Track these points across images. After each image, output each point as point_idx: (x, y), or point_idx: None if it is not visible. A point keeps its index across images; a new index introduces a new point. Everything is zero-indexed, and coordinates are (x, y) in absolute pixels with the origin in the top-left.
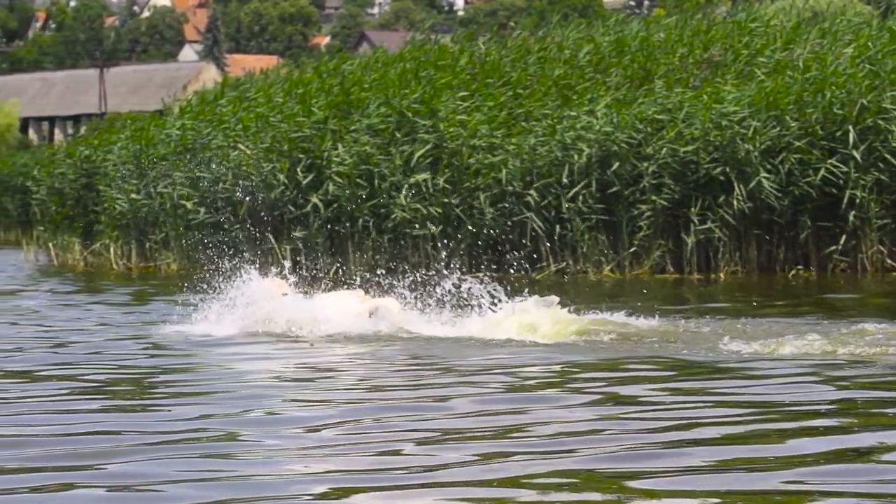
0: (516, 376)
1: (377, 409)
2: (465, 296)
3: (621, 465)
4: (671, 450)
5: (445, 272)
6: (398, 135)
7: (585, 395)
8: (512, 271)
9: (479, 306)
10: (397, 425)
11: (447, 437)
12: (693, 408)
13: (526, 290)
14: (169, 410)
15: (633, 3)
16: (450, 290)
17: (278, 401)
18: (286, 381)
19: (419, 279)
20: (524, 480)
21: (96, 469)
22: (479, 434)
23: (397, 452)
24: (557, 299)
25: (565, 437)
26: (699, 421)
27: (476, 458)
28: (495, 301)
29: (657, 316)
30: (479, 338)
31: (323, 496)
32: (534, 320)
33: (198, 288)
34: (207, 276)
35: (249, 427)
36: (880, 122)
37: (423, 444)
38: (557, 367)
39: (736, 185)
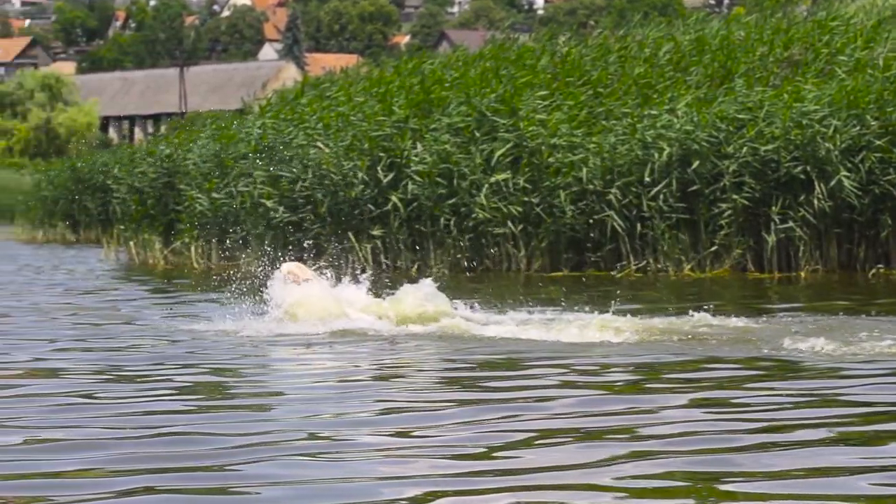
0: (604, 377)
1: (463, 409)
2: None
3: (714, 468)
4: (763, 452)
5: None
6: (478, 134)
7: (674, 395)
8: (592, 270)
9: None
10: (487, 426)
11: (541, 437)
12: (785, 409)
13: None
14: (253, 411)
15: (712, 2)
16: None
17: (362, 400)
18: (368, 379)
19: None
20: (616, 482)
21: (185, 472)
22: (572, 435)
23: (490, 454)
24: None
25: (656, 440)
26: (794, 422)
27: (570, 459)
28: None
29: (740, 315)
30: (555, 340)
31: (415, 500)
32: (613, 321)
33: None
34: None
35: (336, 428)
36: None
37: (516, 445)
38: (643, 368)
39: (816, 183)
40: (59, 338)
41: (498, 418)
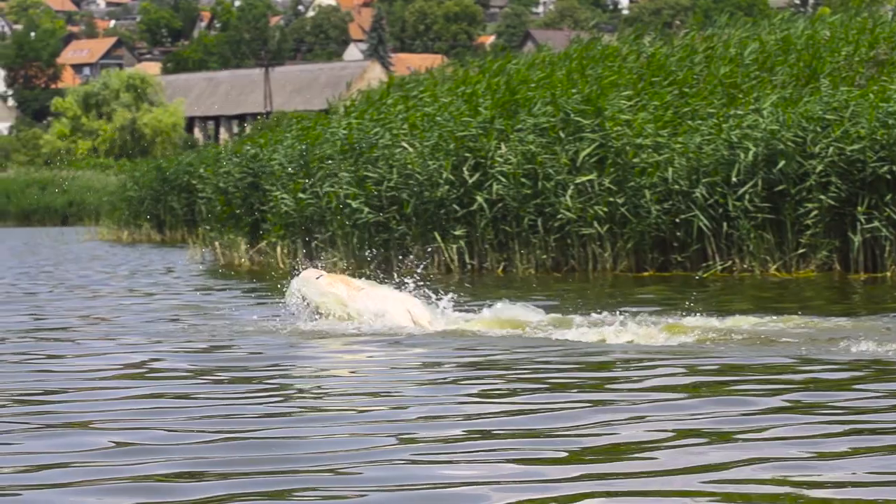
0: (689, 378)
1: (546, 412)
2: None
3: (805, 473)
4: (864, 457)
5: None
6: (563, 134)
7: (767, 397)
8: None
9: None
10: (572, 429)
11: (627, 443)
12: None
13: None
14: (333, 412)
15: (797, 2)
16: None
17: (444, 401)
18: (450, 378)
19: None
20: (705, 489)
21: (276, 475)
22: (657, 442)
23: (581, 457)
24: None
25: (751, 442)
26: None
27: (658, 465)
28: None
29: (828, 316)
30: (616, 342)
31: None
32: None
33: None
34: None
35: (453, 429)
36: None
37: (612, 450)
38: (732, 369)
39: None
40: (153, 338)
41: (579, 421)
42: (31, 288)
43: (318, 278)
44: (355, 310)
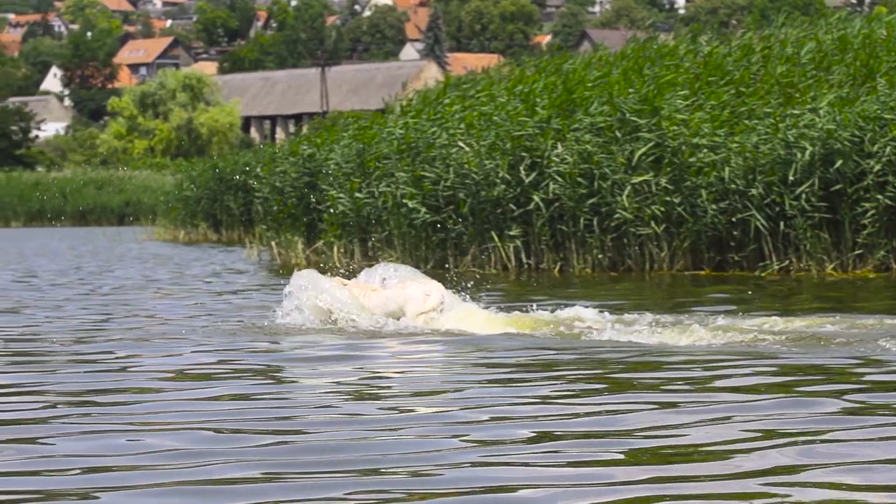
0: (754, 379)
1: (605, 413)
2: None
3: (873, 476)
4: None
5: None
6: (618, 134)
7: (829, 398)
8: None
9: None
10: (645, 430)
11: (697, 444)
12: None
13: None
14: (398, 413)
15: (854, 1)
16: None
17: (510, 402)
18: (512, 378)
19: None
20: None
21: (341, 477)
22: (727, 444)
23: (650, 459)
24: None
25: (819, 444)
26: None
27: (729, 467)
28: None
29: (887, 315)
30: (683, 344)
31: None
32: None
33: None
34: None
35: (495, 430)
36: None
37: (682, 452)
38: (792, 370)
39: None
40: (217, 338)
41: (650, 423)
42: (97, 287)
43: (327, 283)
44: (372, 310)
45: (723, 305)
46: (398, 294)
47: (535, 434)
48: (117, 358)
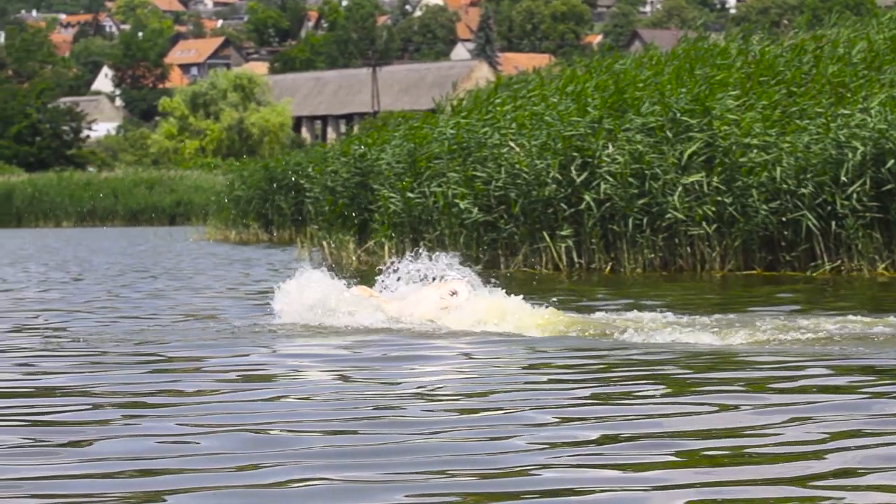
0: (826, 380)
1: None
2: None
3: None
4: None
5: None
6: (669, 134)
7: (886, 400)
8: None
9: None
10: (703, 432)
11: (788, 442)
12: None
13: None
14: (463, 415)
15: None
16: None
17: (574, 402)
18: (570, 379)
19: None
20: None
21: (414, 480)
22: (810, 444)
23: (747, 460)
24: None
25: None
26: None
27: (818, 467)
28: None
29: None
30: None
31: None
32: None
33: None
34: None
35: (570, 431)
36: None
37: (776, 451)
38: (859, 370)
39: None
40: (278, 338)
41: (715, 424)
42: (154, 287)
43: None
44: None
45: (778, 306)
46: (413, 300)
47: (610, 435)
48: (177, 358)
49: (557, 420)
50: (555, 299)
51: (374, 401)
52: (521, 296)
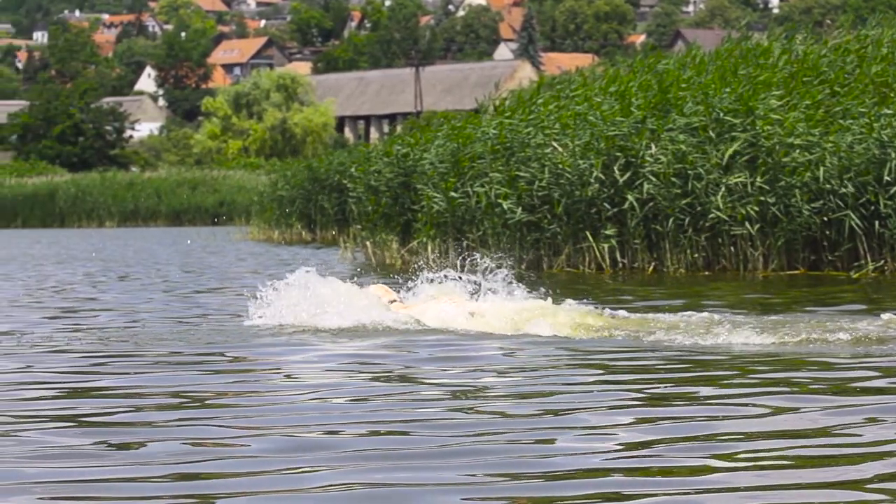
0: (869, 381)
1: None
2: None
3: None
4: None
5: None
6: (712, 134)
7: None
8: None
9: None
10: (768, 434)
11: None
12: None
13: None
14: (531, 416)
15: None
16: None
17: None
18: (629, 380)
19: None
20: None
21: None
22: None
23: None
24: None
25: None
26: None
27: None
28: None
29: None
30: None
31: None
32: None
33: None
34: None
35: (657, 433)
36: None
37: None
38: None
39: None
40: (327, 338)
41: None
42: (206, 286)
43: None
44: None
45: (831, 306)
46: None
47: (650, 438)
48: (233, 359)
49: (609, 422)
50: (599, 300)
51: (423, 402)
52: (548, 298)
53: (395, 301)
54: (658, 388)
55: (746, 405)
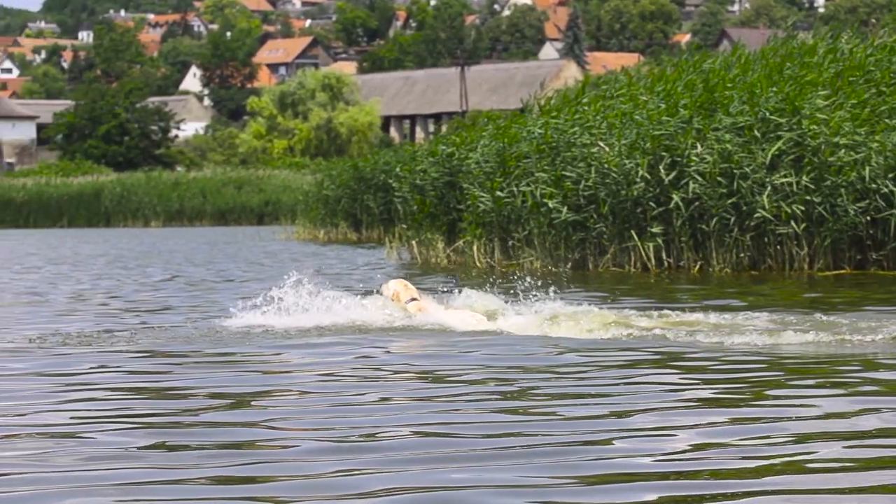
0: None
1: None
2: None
3: None
4: None
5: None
6: (757, 133)
7: None
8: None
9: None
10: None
11: None
12: None
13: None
14: (587, 418)
15: None
16: None
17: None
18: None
19: None
20: None
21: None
22: None
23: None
24: None
25: None
26: None
27: None
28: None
29: None
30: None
31: None
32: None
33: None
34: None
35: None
36: None
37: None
38: None
39: None
40: (375, 339)
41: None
42: (250, 286)
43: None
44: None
45: (885, 305)
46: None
47: (784, 436)
48: (276, 359)
49: (668, 423)
50: (656, 300)
51: (473, 403)
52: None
53: (414, 299)
54: (718, 389)
55: (808, 406)
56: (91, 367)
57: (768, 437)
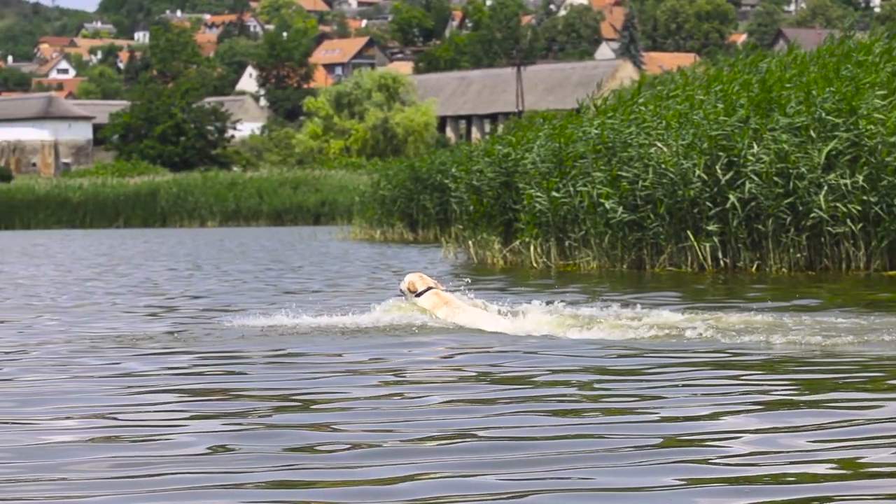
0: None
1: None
2: None
3: None
4: None
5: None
6: (814, 134)
7: None
8: None
9: None
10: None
11: None
12: None
13: None
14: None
15: None
16: None
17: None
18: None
19: None
20: None
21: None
22: None
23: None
24: None
25: None
26: None
27: None
28: None
29: None
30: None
31: None
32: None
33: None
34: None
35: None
36: None
37: None
38: None
39: None
40: (437, 341)
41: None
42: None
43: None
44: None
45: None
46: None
47: (828, 438)
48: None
49: (733, 426)
50: (727, 300)
51: (531, 406)
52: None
53: (431, 288)
54: (783, 389)
55: (877, 408)
56: (157, 368)
57: (828, 440)
